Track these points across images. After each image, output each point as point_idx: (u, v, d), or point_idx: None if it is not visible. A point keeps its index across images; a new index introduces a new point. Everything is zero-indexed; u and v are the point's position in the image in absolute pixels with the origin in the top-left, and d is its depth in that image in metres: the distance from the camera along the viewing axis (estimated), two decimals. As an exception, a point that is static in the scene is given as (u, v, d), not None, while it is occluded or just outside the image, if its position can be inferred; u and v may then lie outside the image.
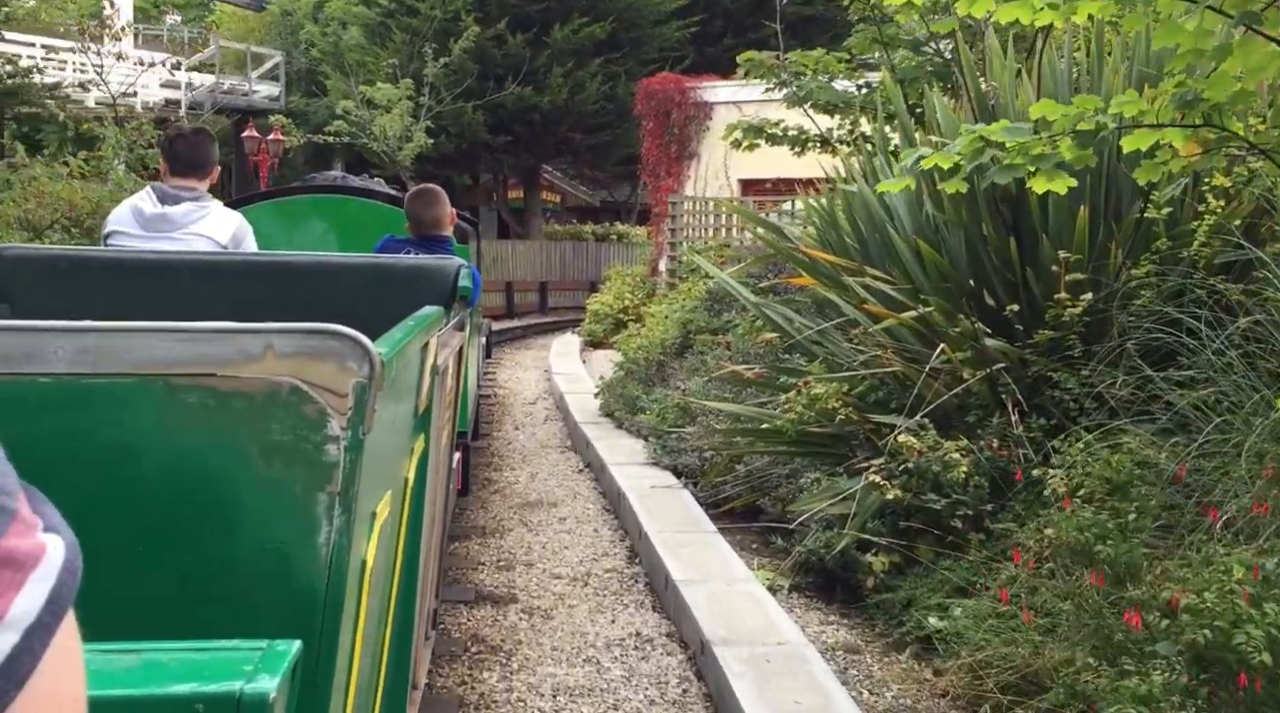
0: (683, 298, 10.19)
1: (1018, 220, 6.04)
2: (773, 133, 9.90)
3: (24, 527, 0.51)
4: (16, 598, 0.50)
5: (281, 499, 1.54)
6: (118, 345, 1.52)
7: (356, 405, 1.53)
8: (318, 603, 1.52)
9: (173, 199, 4.17)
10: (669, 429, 8.01)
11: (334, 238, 7.74)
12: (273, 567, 1.54)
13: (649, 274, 19.00)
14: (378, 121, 21.87)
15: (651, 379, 9.58)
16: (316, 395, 1.52)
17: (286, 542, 1.54)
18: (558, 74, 24.25)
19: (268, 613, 1.52)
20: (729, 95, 18.30)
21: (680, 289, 10.51)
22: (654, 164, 18.97)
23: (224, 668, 1.19)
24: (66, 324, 1.54)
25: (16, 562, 0.50)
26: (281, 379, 1.51)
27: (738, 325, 8.34)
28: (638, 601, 5.67)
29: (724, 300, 9.59)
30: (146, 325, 1.56)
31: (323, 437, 1.52)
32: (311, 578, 1.53)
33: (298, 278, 3.51)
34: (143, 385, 1.53)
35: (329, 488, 1.53)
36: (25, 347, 1.51)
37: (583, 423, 9.68)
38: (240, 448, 1.54)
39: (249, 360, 1.51)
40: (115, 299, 3.14)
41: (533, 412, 11.69)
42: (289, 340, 1.52)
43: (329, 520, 1.53)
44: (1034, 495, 5.20)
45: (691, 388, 8.12)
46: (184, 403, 1.53)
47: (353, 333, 1.54)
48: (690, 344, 9.46)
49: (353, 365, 1.53)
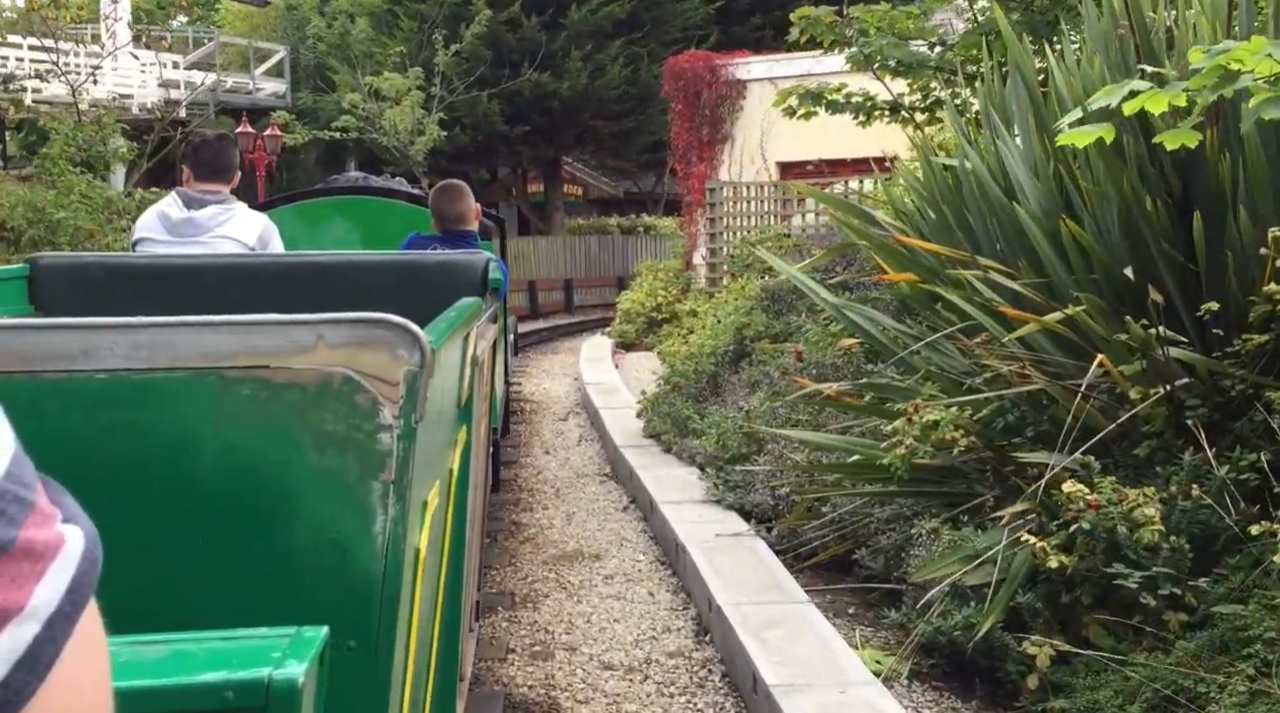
0: (733, 297, 8.83)
1: (1192, 189, 4.66)
2: (833, 99, 8.52)
3: (42, 518, 0.52)
4: (37, 588, 0.50)
5: (336, 489, 1.56)
6: (170, 340, 1.55)
7: (408, 393, 1.54)
8: (375, 592, 1.53)
9: (198, 203, 4.20)
10: (730, 459, 6.66)
11: (358, 238, 7.79)
12: (330, 556, 1.55)
13: (682, 268, 17.66)
14: (387, 115, 20.55)
15: (703, 394, 8.24)
16: (368, 385, 1.53)
17: (343, 532, 1.56)
18: (576, 58, 22.86)
19: (325, 602, 1.51)
20: (764, 72, 16.92)
21: (730, 287, 9.14)
22: (684, 149, 17.60)
23: (252, 655, 1.21)
24: (120, 321, 1.56)
25: (36, 553, 0.50)
26: (333, 369, 1.53)
27: (808, 331, 6.98)
28: (716, 705, 4.33)
29: (784, 300, 8.23)
30: (198, 320, 1.57)
31: (375, 425, 1.53)
32: (368, 567, 1.54)
33: (328, 277, 3.53)
34: (196, 379, 1.55)
35: (383, 476, 1.54)
36: (80, 344, 1.53)
37: (624, 447, 8.35)
38: (294, 439, 1.55)
39: (301, 351, 1.53)
40: (147, 304, 2.92)
41: (564, 431, 10.35)
42: (340, 331, 1.53)
43: (384, 509, 1.54)
44: (1250, 561, 3.85)
45: (755, 408, 6.78)
46: (237, 395, 1.54)
47: (403, 321, 1.54)
48: (747, 352, 8.10)
49: (403, 353, 1.54)
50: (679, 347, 8.53)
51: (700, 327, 9.84)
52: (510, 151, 25.08)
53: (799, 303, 8.04)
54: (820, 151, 16.17)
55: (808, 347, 6.74)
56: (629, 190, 33.16)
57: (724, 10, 24.48)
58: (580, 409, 11.57)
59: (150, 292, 3.40)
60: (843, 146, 16.62)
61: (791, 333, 7.91)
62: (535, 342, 19.07)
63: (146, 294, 3.37)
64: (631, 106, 24.24)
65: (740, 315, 8.07)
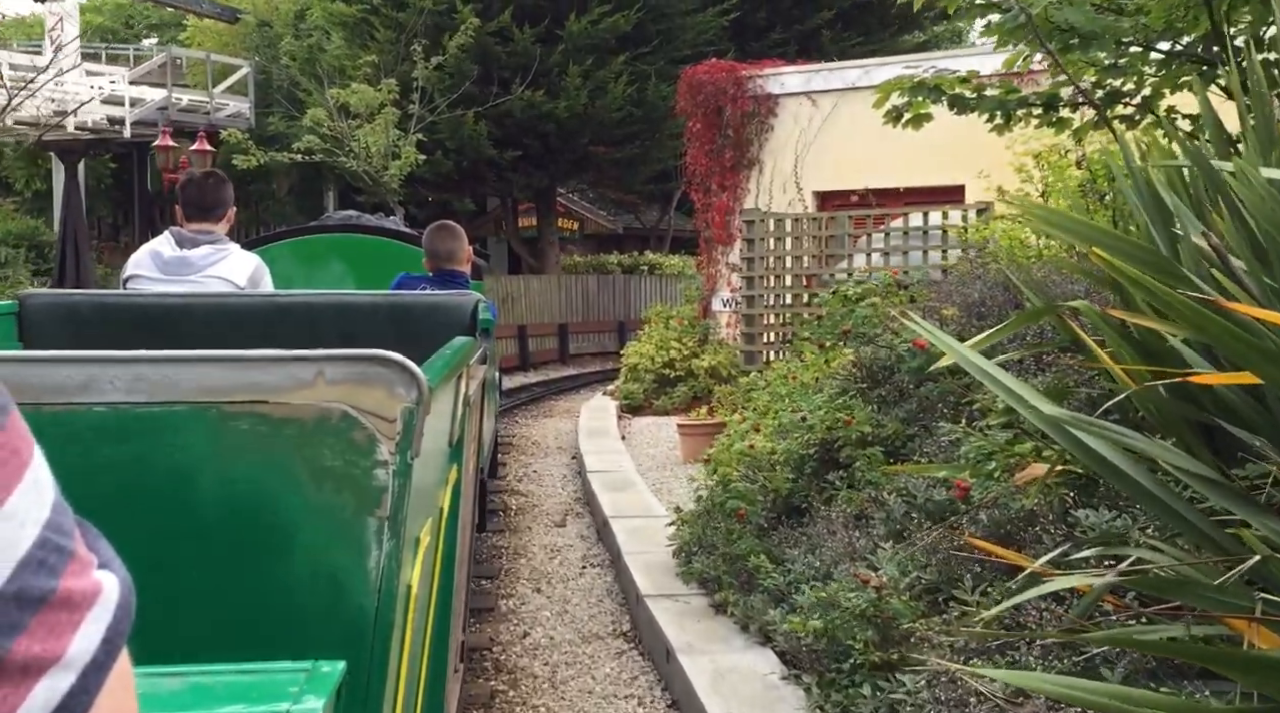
0: (811, 371, 6.10)
1: None
2: (958, 93, 5.81)
3: (80, 566, 0.51)
4: (74, 638, 0.50)
5: (332, 523, 1.57)
6: (171, 374, 1.56)
7: (405, 430, 1.56)
8: (368, 626, 1.54)
9: (190, 243, 4.23)
10: (851, 664, 3.96)
11: (350, 277, 7.80)
12: (325, 590, 1.56)
13: (699, 316, 14.95)
14: (357, 135, 17.83)
15: (775, 520, 5.51)
16: (366, 420, 1.54)
17: (338, 565, 1.56)
18: (574, 75, 20.14)
19: (320, 635, 1.52)
20: (799, 84, 14.28)
21: (807, 359, 6.40)
22: (702, 177, 14.91)
23: (271, 690, 1.24)
24: (121, 354, 1.59)
25: (74, 602, 0.50)
26: (332, 405, 1.54)
27: (960, 440, 4.27)
28: None
29: (894, 382, 5.52)
30: (199, 354, 1.59)
31: (372, 461, 1.55)
32: (362, 601, 1.55)
33: (317, 316, 3.58)
34: (196, 412, 1.57)
35: (378, 512, 1.55)
36: (81, 376, 1.55)
37: (652, 596, 5.62)
38: (292, 472, 1.57)
39: (300, 386, 1.54)
40: (136, 341, 2.65)
41: (561, 548, 7.57)
42: (339, 367, 1.55)
43: (379, 544, 1.55)
44: None
45: (889, 578, 4.05)
46: (236, 429, 1.56)
47: (401, 359, 1.56)
48: (839, 459, 5.37)
49: (401, 391, 1.56)
50: (735, 445, 5.74)
51: (753, 410, 7.10)
52: (499, 180, 22.30)
53: (919, 390, 5.32)
54: (867, 180, 13.58)
55: (978, 480, 4.02)
56: (629, 225, 30.42)
57: (740, 24, 21.86)
58: (583, 507, 8.81)
59: (139, 329, 3.40)
60: (894, 175, 14.01)
61: (912, 436, 5.19)
62: (525, 400, 16.26)
63: (135, 332, 3.37)
64: (635, 131, 21.52)
65: (832, 405, 5.31)
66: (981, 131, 10.08)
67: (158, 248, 4.24)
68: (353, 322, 3.56)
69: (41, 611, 0.49)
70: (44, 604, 0.49)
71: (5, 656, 0.47)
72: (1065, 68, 5.20)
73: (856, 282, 5.89)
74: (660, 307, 16.26)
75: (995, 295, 5.41)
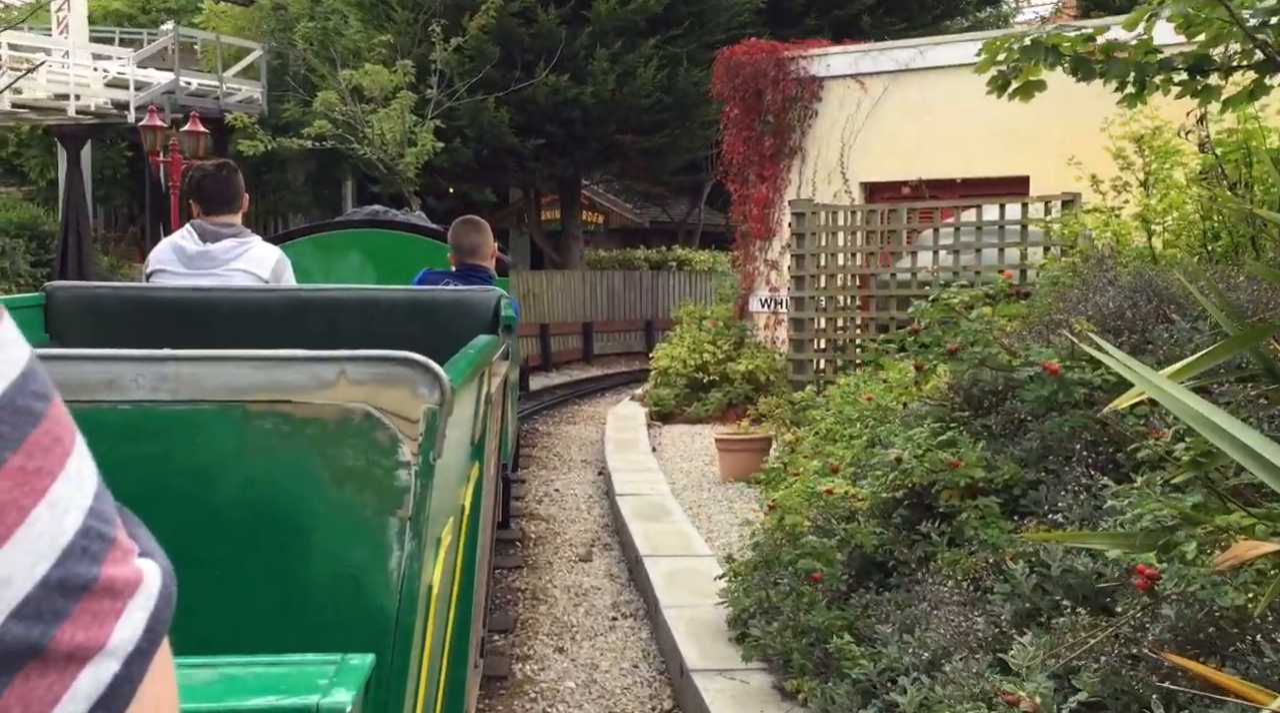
0: (896, 394, 5.00)
1: None
2: (1079, 56, 4.69)
3: (122, 553, 0.52)
4: (117, 626, 0.50)
5: (354, 524, 1.57)
6: (196, 373, 1.57)
7: (427, 431, 1.56)
8: (389, 627, 1.55)
9: (214, 236, 4.20)
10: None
11: (372, 272, 7.85)
12: (346, 590, 1.56)
13: (735, 316, 13.87)
14: (372, 121, 16.77)
15: (855, 581, 4.45)
16: (388, 421, 1.55)
17: (359, 566, 1.56)
18: (602, 58, 18.99)
19: (341, 636, 1.52)
20: (847, 66, 13.16)
21: (890, 379, 5.28)
22: (739, 165, 13.81)
23: (301, 682, 1.22)
24: (146, 353, 1.60)
25: (116, 590, 0.50)
26: (354, 405, 1.54)
27: (1142, 507, 3.17)
28: None
29: (1000, 409, 4.45)
30: (223, 353, 1.60)
31: (394, 462, 1.55)
32: (384, 602, 1.55)
33: (341, 311, 3.60)
34: (220, 412, 1.57)
35: (400, 513, 1.55)
36: (107, 375, 1.56)
37: (700, 671, 4.57)
38: (314, 473, 1.57)
39: (323, 387, 1.55)
40: (160, 335, 2.97)
41: (587, 591, 6.51)
42: (362, 367, 1.55)
43: (400, 545, 1.55)
44: None
45: (1040, 697, 2.98)
46: (260, 429, 1.57)
47: (424, 360, 1.56)
48: (936, 507, 4.28)
49: (424, 391, 1.55)
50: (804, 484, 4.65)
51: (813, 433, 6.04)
52: (521, 169, 21.17)
53: (1041, 425, 4.23)
54: (920, 169, 12.48)
55: (1160, 554, 2.94)
56: (656, 219, 29.27)
57: (776, 8, 20.68)
58: (611, 537, 7.75)
59: (163, 323, 3.42)
60: (951, 165, 12.88)
61: (1035, 483, 4.10)
62: (547, 404, 15.18)
63: (160, 325, 3.39)
64: (665, 118, 20.36)
65: (930, 438, 4.21)
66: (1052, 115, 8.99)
67: (180, 242, 4.22)
68: (375, 316, 3.55)
69: (84, 598, 0.49)
70: (87, 592, 0.49)
71: (49, 643, 0.47)
72: (1235, 16, 4.08)
73: (959, 286, 4.78)
74: (692, 305, 15.16)
75: (1138, 304, 4.31)
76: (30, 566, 0.47)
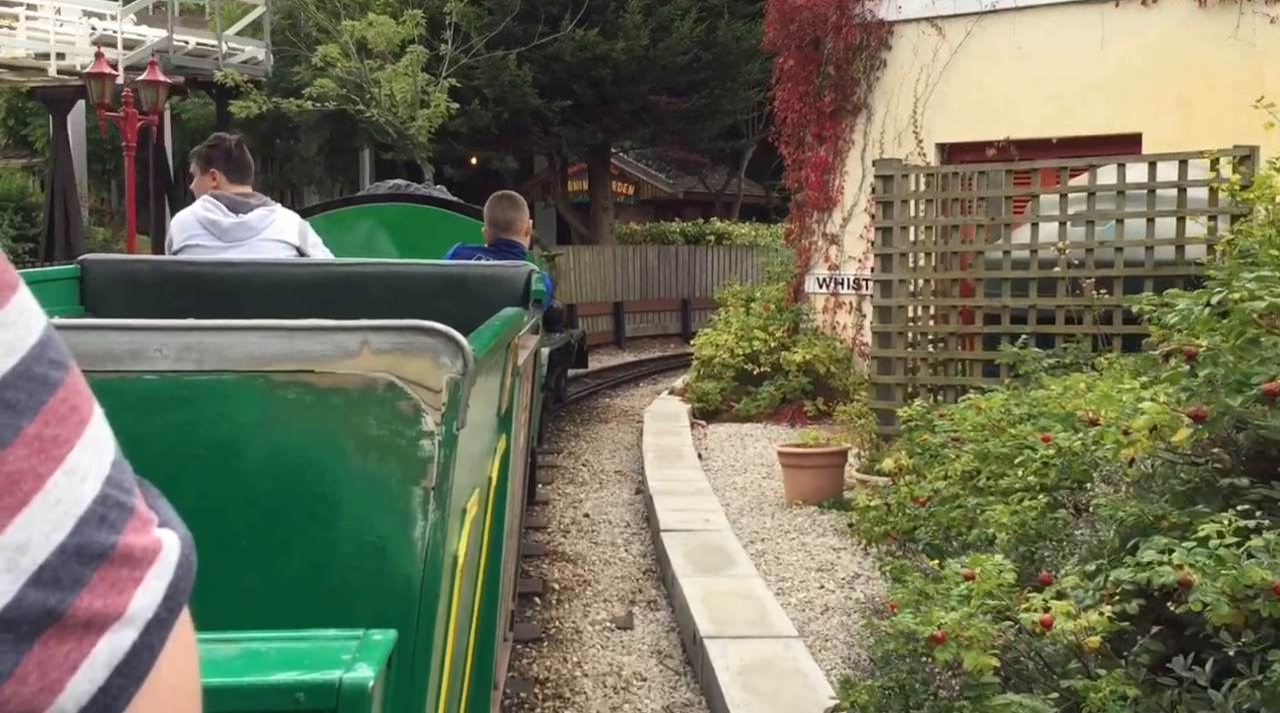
0: (1111, 439, 3.30)
1: None
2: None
3: (141, 522, 0.52)
4: (136, 594, 0.50)
5: (378, 493, 1.57)
6: (219, 343, 1.56)
7: (450, 401, 1.54)
8: (414, 597, 1.54)
9: (244, 207, 4.22)
10: None
11: (395, 247, 7.81)
12: (370, 560, 1.56)
13: (789, 298, 12.17)
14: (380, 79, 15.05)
15: None
16: (411, 391, 1.53)
17: (383, 535, 1.56)
18: (634, 10, 17.21)
19: (365, 606, 1.52)
20: (921, 8, 11.35)
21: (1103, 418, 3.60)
22: (795, 125, 12.07)
23: (323, 657, 1.23)
24: (170, 323, 1.59)
25: (134, 558, 0.50)
26: (377, 375, 1.53)
27: None
28: None
29: None
30: (247, 323, 1.60)
31: (418, 432, 1.54)
32: (408, 572, 1.54)
33: (372, 285, 3.63)
34: (244, 382, 1.57)
35: (424, 482, 1.54)
36: (131, 345, 1.55)
37: None
38: (337, 443, 1.57)
39: (346, 357, 1.54)
40: (193, 307, 3.01)
41: (628, 681, 4.82)
42: (385, 337, 1.54)
43: (424, 515, 1.54)
44: None
45: None
46: (283, 399, 1.56)
47: (446, 329, 1.55)
48: (1219, 642, 2.55)
49: (446, 361, 1.55)
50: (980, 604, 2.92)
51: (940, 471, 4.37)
52: (546, 134, 19.42)
53: None
54: (1007, 129, 10.83)
55: None
56: (691, 189, 27.42)
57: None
58: (656, 588, 6.08)
59: (197, 295, 3.45)
60: (1044, 122, 11.12)
61: None
62: (574, 397, 13.47)
63: (193, 297, 3.42)
64: (704, 77, 18.57)
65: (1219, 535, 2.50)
66: (1170, 61, 7.26)
67: (207, 214, 4.19)
68: (406, 290, 3.55)
69: (103, 566, 0.49)
70: (105, 560, 0.49)
71: (67, 610, 0.47)
72: None
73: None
74: (737, 285, 13.46)
75: None
76: (48, 533, 0.47)
